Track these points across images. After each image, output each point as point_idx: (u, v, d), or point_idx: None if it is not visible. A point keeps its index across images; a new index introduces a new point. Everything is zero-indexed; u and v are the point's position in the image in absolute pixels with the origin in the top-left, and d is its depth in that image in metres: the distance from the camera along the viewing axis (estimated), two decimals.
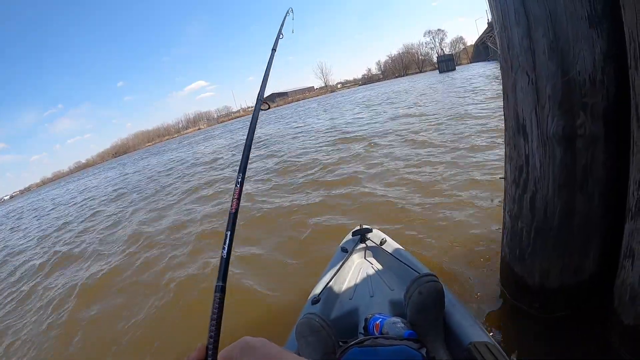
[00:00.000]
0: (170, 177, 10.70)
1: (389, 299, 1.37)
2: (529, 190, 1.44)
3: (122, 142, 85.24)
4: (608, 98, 1.25)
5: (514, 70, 1.37)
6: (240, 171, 1.26)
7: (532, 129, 1.36)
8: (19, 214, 17.28)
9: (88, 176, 30.05)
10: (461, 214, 2.88)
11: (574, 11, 1.20)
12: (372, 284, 1.49)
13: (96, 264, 4.43)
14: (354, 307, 1.39)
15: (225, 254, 1.04)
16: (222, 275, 0.99)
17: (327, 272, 1.61)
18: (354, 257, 1.70)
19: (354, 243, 1.78)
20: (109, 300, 3.24)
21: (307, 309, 1.38)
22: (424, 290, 1.10)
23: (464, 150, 4.79)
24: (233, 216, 1.14)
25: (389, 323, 1.08)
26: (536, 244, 1.47)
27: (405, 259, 1.54)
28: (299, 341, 1.04)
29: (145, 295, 3.07)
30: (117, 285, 3.51)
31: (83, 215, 8.73)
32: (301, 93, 78.89)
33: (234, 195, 1.18)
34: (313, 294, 1.44)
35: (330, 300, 1.43)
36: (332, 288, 1.48)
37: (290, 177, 5.88)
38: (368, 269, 1.60)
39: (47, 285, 4.30)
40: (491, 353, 0.96)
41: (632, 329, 1.24)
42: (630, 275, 1.21)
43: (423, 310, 1.09)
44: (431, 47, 63.08)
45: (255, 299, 2.53)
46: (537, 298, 1.56)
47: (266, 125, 19.30)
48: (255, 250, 3.34)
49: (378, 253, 1.69)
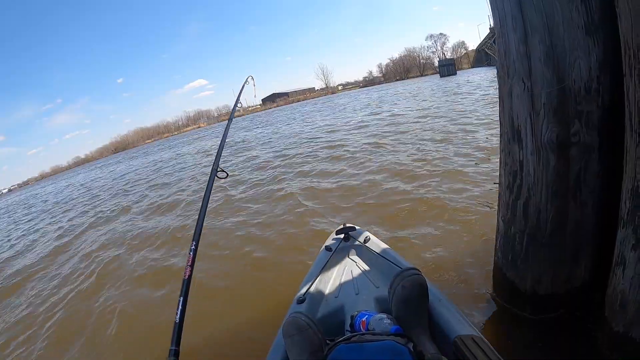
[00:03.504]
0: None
1: (374, 296, 1.37)
2: (522, 197, 1.45)
3: (121, 139, 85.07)
4: (603, 107, 1.26)
5: (510, 76, 1.38)
6: (194, 239, 1.28)
7: (526, 135, 1.37)
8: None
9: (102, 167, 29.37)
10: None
11: (571, 19, 1.21)
12: (357, 281, 1.49)
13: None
14: (339, 305, 1.39)
15: (178, 319, 1.07)
16: (176, 340, 1.02)
17: (312, 271, 1.62)
18: (339, 256, 1.71)
19: (338, 242, 1.79)
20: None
21: (293, 308, 1.38)
22: (407, 284, 1.12)
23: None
24: (186, 282, 1.16)
25: (375, 319, 1.08)
26: (528, 250, 1.48)
27: (389, 256, 1.55)
28: (286, 340, 1.04)
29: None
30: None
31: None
32: (302, 94, 78.82)
33: (187, 262, 1.21)
34: (298, 294, 1.44)
35: (316, 300, 1.44)
36: (317, 287, 1.49)
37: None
38: (353, 267, 1.60)
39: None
40: (478, 346, 0.96)
41: (622, 336, 1.25)
42: (620, 283, 1.22)
43: (407, 303, 1.10)
44: (433, 51, 63.25)
45: (241, 298, 2.56)
46: (528, 303, 1.57)
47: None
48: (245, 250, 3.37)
49: (362, 251, 1.70)
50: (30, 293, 3.93)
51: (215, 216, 4.61)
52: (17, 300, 3.83)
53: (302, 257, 2.82)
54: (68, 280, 3.94)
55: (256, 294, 2.55)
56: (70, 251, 5.25)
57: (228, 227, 4.14)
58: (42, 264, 4.98)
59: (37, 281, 4.29)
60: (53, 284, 3.95)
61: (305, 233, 3.37)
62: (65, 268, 4.44)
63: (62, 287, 3.77)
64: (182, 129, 75.75)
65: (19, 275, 4.78)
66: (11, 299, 3.93)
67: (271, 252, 3.16)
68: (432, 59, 62.51)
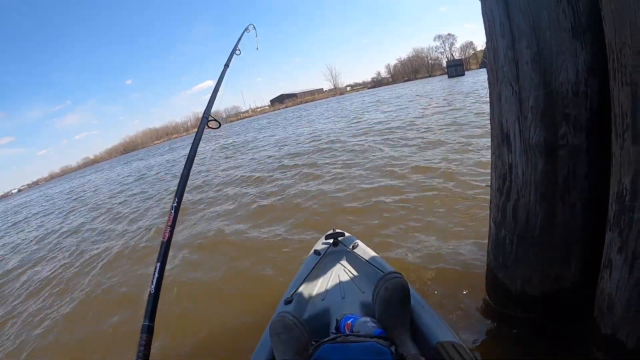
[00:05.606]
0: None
1: (359, 300, 1.40)
2: (511, 199, 1.46)
3: (130, 139, 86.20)
4: (591, 109, 1.26)
5: (499, 81, 1.39)
6: (176, 194, 1.10)
7: (515, 138, 1.38)
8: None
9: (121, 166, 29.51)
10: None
11: (558, 23, 1.22)
12: (344, 286, 1.52)
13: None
14: (325, 307, 1.41)
15: (153, 288, 0.94)
16: (150, 314, 0.90)
17: (300, 274, 1.66)
18: (327, 260, 1.74)
19: (327, 247, 1.82)
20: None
21: (280, 308, 1.41)
22: (389, 286, 1.15)
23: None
24: (165, 245, 1.03)
25: (360, 322, 1.11)
26: (518, 251, 1.49)
27: (376, 262, 1.58)
28: (273, 338, 1.07)
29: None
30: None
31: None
32: (310, 95, 78.89)
33: (167, 222, 1.07)
34: (286, 295, 1.47)
35: (303, 301, 1.46)
36: (304, 289, 1.52)
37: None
38: (340, 271, 1.63)
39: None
40: (458, 352, 0.99)
41: (609, 337, 1.25)
42: (608, 285, 1.23)
43: (389, 304, 1.14)
44: (441, 52, 62.81)
45: (229, 296, 2.60)
46: (519, 304, 1.58)
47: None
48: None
49: (350, 256, 1.73)
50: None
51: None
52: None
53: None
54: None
55: (242, 294, 2.60)
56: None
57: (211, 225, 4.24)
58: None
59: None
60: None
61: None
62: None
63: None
64: (190, 130, 76.49)
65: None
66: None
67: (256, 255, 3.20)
68: (441, 59, 62.11)
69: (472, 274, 2.07)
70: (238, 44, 1.88)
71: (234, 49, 1.84)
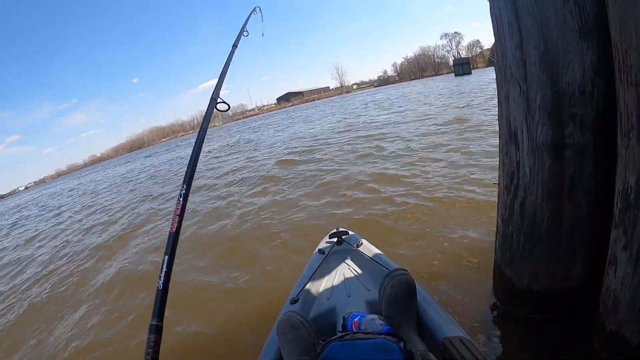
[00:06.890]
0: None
1: (365, 299, 1.40)
2: (519, 196, 1.48)
3: (137, 137, 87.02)
4: (598, 109, 1.28)
5: (507, 80, 1.42)
6: (185, 181, 1.04)
7: (522, 137, 1.41)
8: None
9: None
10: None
11: (565, 23, 1.24)
12: (349, 284, 1.52)
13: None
14: (332, 306, 1.41)
15: (161, 284, 0.88)
16: (158, 312, 0.84)
17: (305, 273, 1.65)
18: (331, 259, 1.73)
19: (331, 245, 1.82)
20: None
21: (286, 307, 1.40)
22: (395, 283, 1.16)
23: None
24: (173, 237, 0.96)
25: (367, 320, 1.11)
26: (525, 248, 1.51)
27: (381, 260, 1.58)
28: (280, 338, 1.07)
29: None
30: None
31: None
32: (317, 93, 79.00)
33: (175, 212, 0.99)
34: (292, 294, 1.47)
35: (309, 300, 1.46)
36: (310, 289, 1.52)
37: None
38: (345, 270, 1.63)
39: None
40: (466, 347, 0.98)
41: (614, 335, 1.27)
42: (613, 282, 1.25)
43: (395, 301, 1.14)
44: (447, 50, 62.42)
45: (239, 295, 2.62)
46: (525, 301, 1.60)
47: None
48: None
49: (354, 255, 1.73)
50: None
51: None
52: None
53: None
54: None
55: (248, 293, 2.61)
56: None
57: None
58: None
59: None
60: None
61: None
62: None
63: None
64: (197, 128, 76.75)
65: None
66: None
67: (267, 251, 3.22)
68: (447, 58, 61.73)
69: (478, 271, 2.10)
70: (245, 25, 1.87)
71: (241, 30, 1.82)
